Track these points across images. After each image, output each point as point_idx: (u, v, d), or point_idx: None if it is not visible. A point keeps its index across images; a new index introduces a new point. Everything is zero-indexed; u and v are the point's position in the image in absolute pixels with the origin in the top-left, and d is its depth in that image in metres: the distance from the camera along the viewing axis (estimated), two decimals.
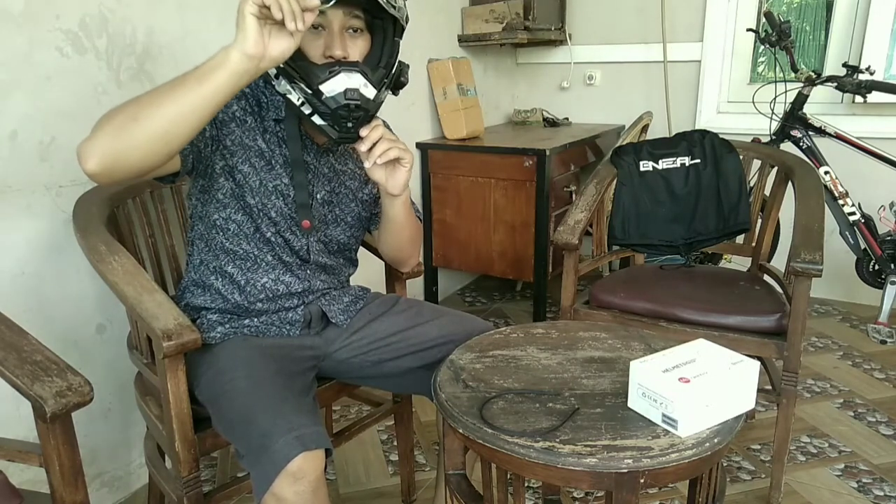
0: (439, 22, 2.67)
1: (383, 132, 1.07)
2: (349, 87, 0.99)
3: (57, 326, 1.44)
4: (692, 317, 1.57)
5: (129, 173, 0.92)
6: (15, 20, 1.28)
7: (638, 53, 3.04)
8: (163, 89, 0.90)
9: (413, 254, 1.36)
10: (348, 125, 1.02)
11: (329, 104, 0.99)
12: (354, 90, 0.99)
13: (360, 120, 1.03)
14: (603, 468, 0.85)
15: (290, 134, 1.11)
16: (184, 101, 0.89)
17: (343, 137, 1.04)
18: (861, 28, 2.63)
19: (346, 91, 0.98)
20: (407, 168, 1.12)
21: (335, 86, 0.98)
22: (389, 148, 1.07)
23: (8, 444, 0.95)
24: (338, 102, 0.99)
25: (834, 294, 2.89)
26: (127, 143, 0.88)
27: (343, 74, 0.98)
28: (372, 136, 1.06)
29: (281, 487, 0.90)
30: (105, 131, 0.89)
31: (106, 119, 0.91)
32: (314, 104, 1.00)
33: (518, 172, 2.41)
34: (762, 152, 1.92)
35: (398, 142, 1.09)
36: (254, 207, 1.13)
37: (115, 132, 0.89)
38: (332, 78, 0.98)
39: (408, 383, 1.29)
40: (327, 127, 1.02)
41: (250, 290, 1.18)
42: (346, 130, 1.03)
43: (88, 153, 0.88)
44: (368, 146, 1.06)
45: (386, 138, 1.07)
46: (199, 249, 1.20)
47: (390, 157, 1.07)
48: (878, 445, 1.82)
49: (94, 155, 0.88)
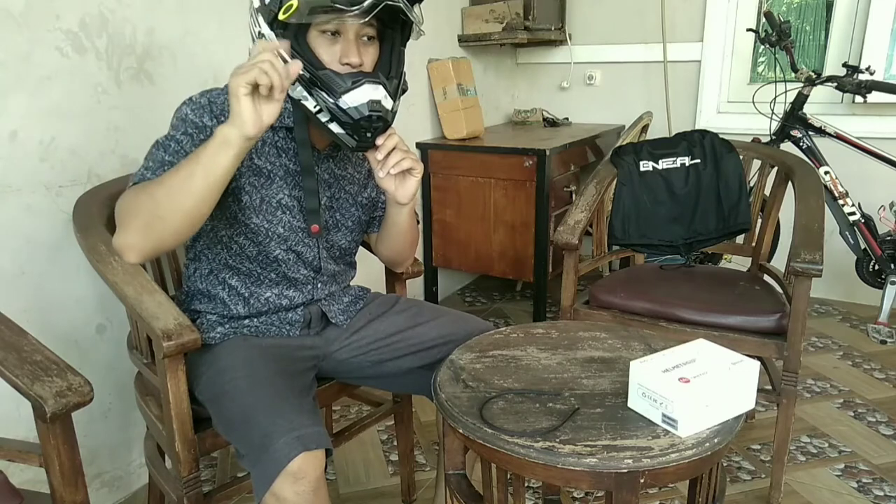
0: (439, 22, 2.67)
1: (398, 141, 1.08)
2: (373, 98, 0.99)
3: (57, 326, 1.44)
4: (692, 317, 1.57)
5: (167, 251, 1.09)
6: (15, 20, 1.28)
7: (638, 53, 3.05)
8: (173, 184, 0.96)
9: (410, 255, 1.38)
10: (368, 136, 1.03)
11: (352, 114, 1.00)
12: (377, 102, 1.00)
13: (379, 131, 1.04)
14: (603, 468, 0.85)
15: (301, 139, 1.11)
16: (198, 194, 0.96)
17: (361, 147, 1.05)
18: (861, 28, 2.63)
19: (369, 103, 0.99)
20: (417, 178, 1.13)
21: (359, 97, 0.99)
22: (403, 158, 1.08)
23: (8, 444, 0.95)
24: (361, 113, 0.99)
25: (834, 294, 2.89)
26: (159, 237, 1.00)
27: (368, 86, 0.99)
28: (387, 145, 1.07)
29: (281, 487, 0.90)
30: (133, 230, 1.00)
31: (129, 216, 1.01)
32: (334, 112, 1.00)
33: (518, 172, 2.41)
34: (762, 152, 1.92)
35: (410, 152, 1.10)
36: (260, 227, 1.13)
37: (143, 231, 1.00)
38: (356, 89, 0.99)
39: (408, 383, 1.29)
40: (345, 136, 1.03)
41: (254, 301, 1.18)
42: (364, 140, 1.04)
43: (128, 252, 1.02)
44: (384, 154, 1.07)
45: (399, 148, 1.08)
46: (208, 259, 1.19)
47: (403, 167, 1.09)
48: (878, 445, 1.82)
49: (134, 253, 1.02)
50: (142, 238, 1.00)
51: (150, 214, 0.98)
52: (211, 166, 0.94)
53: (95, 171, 1.46)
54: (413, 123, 2.60)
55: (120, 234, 1.01)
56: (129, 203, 1.01)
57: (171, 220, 0.97)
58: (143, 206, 0.98)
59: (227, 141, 0.93)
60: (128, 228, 1.00)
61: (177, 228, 0.98)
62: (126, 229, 1.01)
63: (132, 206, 1.00)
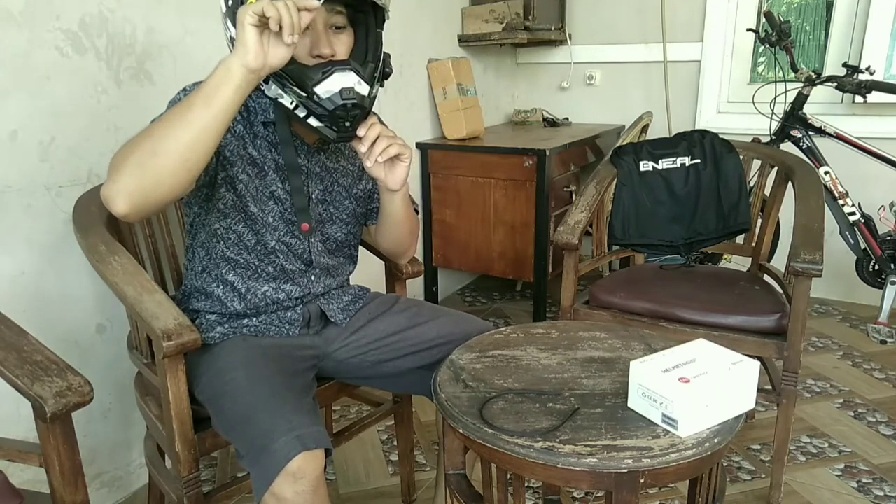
0: (439, 22, 2.67)
1: (381, 129, 1.06)
2: (344, 86, 0.98)
3: (57, 326, 1.44)
4: (692, 317, 1.57)
5: (159, 206, 0.94)
6: (15, 20, 1.28)
7: (638, 53, 3.05)
8: (172, 118, 0.91)
9: (411, 246, 1.36)
10: (346, 125, 1.02)
11: (326, 105, 0.99)
12: (350, 89, 0.98)
13: (358, 118, 1.03)
14: (603, 468, 0.85)
15: (283, 138, 1.11)
16: (196, 125, 0.90)
17: (342, 137, 1.04)
18: (861, 28, 2.63)
19: (341, 91, 0.98)
20: (406, 163, 1.12)
21: (330, 86, 0.98)
22: (389, 145, 1.06)
23: (8, 444, 0.95)
24: (335, 103, 0.98)
25: (834, 294, 2.89)
26: (152, 180, 0.90)
27: (337, 74, 0.98)
28: (370, 135, 1.05)
29: (281, 487, 0.90)
30: (126, 172, 0.90)
31: (122, 158, 0.91)
32: (309, 106, 1.00)
33: (518, 172, 2.41)
34: (762, 152, 1.91)
35: (396, 137, 1.08)
36: (256, 216, 1.13)
37: (136, 171, 0.90)
38: (327, 79, 0.98)
39: (408, 383, 1.29)
40: (324, 128, 1.02)
41: (251, 297, 1.18)
42: (344, 130, 1.02)
43: (115, 197, 0.90)
44: (368, 145, 1.06)
45: (384, 135, 1.06)
46: (201, 257, 1.19)
47: (390, 153, 1.07)
48: (878, 445, 1.82)
49: (122, 197, 0.90)
50: (133, 179, 0.89)
51: (143, 151, 0.90)
52: (211, 97, 0.89)
53: (95, 171, 1.46)
54: (413, 123, 2.60)
55: (109, 179, 0.91)
56: (124, 148, 0.93)
57: (166, 157, 0.89)
58: (137, 144, 0.91)
59: (229, 70, 0.89)
60: (119, 171, 0.90)
61: (170, 168, 0.90)
62: (117, 172, 0.90)
63: (126, 149, 0.92)
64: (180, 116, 0.90)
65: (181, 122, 0.90)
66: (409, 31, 2.48)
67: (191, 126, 0.89)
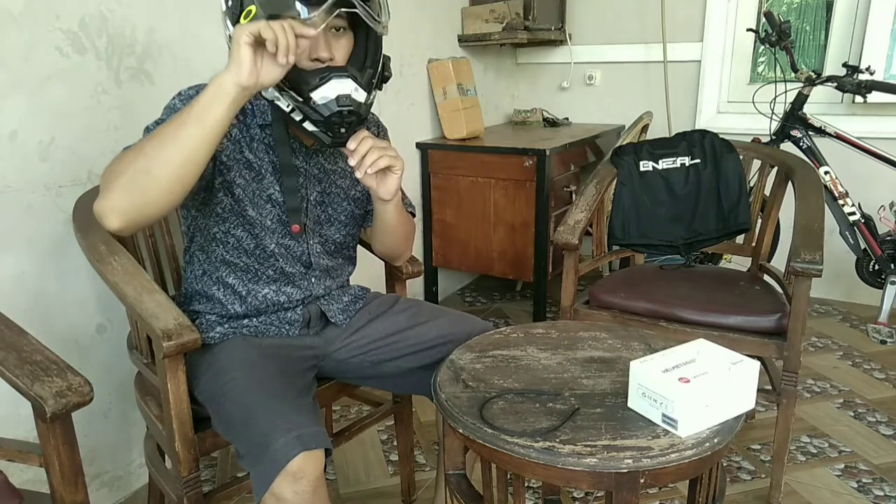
0: (439, 22, 2.67)
1: (372, 143, 1.05)
2: (341, 93, 0.98)
3: (57, 326, 1.44)
4: (692, 317, 1.57)
5: (152, 219, 0.96)
6: (15, 20, 1.28)
7: (638, 53, 3.05)
8: (164, 134, 0.92)
9: (407, 249, 1.37)
10: (342, 131, 1.02)
11: (322, 111, 0.99)
12: (346, 96, 0.99)
13: (353, 124, 1.03)
14: (603, 468, 0.85)
15: (279, 139, 1.11)
16: (189, 142, 0.91)
17: (336, 143, 1.04)
18: (861, 28, 2.63)
19: (338, 98, 0.98)
20: (398, 175, 1.11)
21: (327, 92, 0.98)
22: (380, 157, 1.05)
23: (8, 444, 0.95)
24: (330, 110, 0.98)
25: (834, 294, 2.89)
26: (145, 197, 0.92)
27: (334, 81, 0.98)
28: (360, 150, 1.05)
29: (281, 487, 0.90)
30: (118, 188, 0.91)
31: (114, 175, 0.92)
32: (305, 111, 1.00)
33: (518, 172, 2.41)
34: (762, 152, 1.92)
35: (388, 149, 1.08)
36: (254, 219, 1.13)
37: (129, 188, 0.91)
38: (324, 85, 0.98)
39: (407, 383, 1.29)
40: (320, 133, 1.02)
41: (252, 300, 1.18)
42: (339, 136, 1.03)
43: (108, 213, 0.92)
44: (358, 158, 1.05)
45: (375, 147, 1.05)
46: (200, 261, 1.19)
47: (380, 166, 1.06)
48: (878, 445, 1.82)
49: (116, 214, 0.92)
50: (126, 196, 0.91)
51: (136, 169, 0.91)
52: (204, 114, 0.90)
53: (95, 171, 1.45)
54: (413, 123, 2.60)
55: (102, 195, 0.93)
56: (115, 164, 0.94)
57: (159, 175, 0.90)
58: (130, 162, 0.92)
59: (221, 87, 0.90)
60: (111, 188, 0.91)
61: (164, 185, 0.91)
62: (109, 189, 0.92)
63: (118, 165, 0.93)
64: (173, 135, 0.91)
65: (174, 140, 0.91)
66: (409, 31, 2.48)
67: (184, 144, 0.91)
